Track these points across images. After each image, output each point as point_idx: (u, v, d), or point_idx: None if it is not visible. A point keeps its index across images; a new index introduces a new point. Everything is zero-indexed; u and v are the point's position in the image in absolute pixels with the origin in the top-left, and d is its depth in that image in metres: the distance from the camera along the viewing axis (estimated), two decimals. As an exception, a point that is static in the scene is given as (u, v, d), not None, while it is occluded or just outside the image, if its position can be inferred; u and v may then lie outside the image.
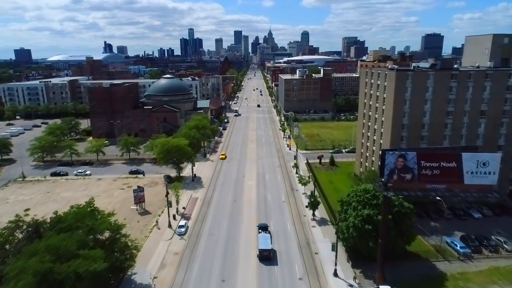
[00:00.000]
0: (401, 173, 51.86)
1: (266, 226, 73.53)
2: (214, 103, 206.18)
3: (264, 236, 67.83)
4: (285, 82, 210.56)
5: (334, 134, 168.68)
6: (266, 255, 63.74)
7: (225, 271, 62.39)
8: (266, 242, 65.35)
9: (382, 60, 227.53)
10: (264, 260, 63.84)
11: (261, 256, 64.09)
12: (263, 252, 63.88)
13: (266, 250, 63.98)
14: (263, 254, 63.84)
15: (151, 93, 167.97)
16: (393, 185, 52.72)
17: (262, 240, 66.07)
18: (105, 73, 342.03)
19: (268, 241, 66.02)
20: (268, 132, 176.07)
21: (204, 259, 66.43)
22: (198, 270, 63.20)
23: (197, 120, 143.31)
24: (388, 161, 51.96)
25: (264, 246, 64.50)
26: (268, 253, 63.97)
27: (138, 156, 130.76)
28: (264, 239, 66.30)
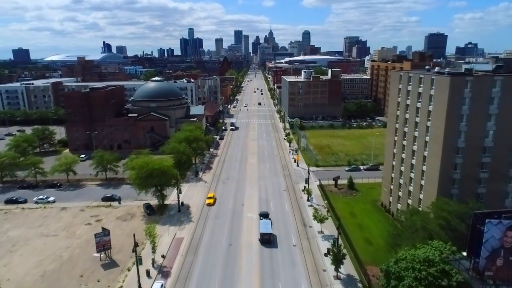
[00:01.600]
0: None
1: (267, 214, 79.81)
2: (210, 109, 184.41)
3: (265, 222, 73.54)
4: (290, 85, 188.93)
5: (347, 146, 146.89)
6: (267, 239, 69.21)
7: None
8: (267, 227, 71.00)
9: (397, 60, 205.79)
10: (265, 244, 69.12)
11: (262, 240, 69.62)
12: (264, 235, 69.28)
13: (267, 234, 69.46)
14: (264, 237, 69.26)
15: (137, 98, 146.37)
16: (496, 274, 31.07)
17: (263, 225, 71.59)
18: (96, 74, 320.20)
19: (269, 226, 71.78)
20: (271, 143, 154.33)
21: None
22: None
23: (189, 131, 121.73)
24: (488, 235, 30.36)
25: (265, 230, 70.07)
26: (269, 237, 69.61)
27: (117, 176, 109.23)
28: (265, 224, 72.03)
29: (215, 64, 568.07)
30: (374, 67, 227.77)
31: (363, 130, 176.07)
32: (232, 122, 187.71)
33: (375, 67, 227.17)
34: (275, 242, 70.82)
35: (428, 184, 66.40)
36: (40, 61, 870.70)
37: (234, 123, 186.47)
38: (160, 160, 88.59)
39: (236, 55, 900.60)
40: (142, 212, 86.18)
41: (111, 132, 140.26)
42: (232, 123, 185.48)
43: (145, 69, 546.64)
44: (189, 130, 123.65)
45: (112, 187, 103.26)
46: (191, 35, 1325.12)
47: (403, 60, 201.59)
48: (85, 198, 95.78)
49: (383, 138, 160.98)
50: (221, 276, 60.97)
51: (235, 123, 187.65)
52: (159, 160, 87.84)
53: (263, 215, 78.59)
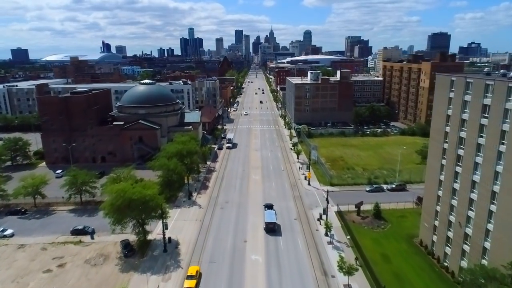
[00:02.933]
0: None
1: (272, 205, 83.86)
2: (208, 114, 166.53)
3: (270, 212, 78.23)
4: (296, 88, 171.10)
5: (363, 158, 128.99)
6: (271, 227, 74.08)
7: None
8: (272, 217, 75.74)
9: (412, 60, 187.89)
10: (269, 232, 73.93)
11: (267, 229, 74.57)
12: (269, 224, 74.29)
13: (271, 223, 74.37)
14: (269, 226, 74.22)
15: (123, 104, 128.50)
16: None
17: (268, 215, 76.56)
18: (89, 75, 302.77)
19: (273, 216, 76.32)
20: (276, 153, 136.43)
21: None
22: None
23: (181, 143, 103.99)
24: None
25: (269, 219, 74.95)
26: (273, 226, 74.40)
27: (94, 198, 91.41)
28: (270, 214, 76.79)
29: (215, 64, 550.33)
30: (387, 68, 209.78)
31: (378, 138, 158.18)
32: (229, 138, 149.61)
33: (387, 68, 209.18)
34: (279, 231, 75.50)
35: (500, 231, 48.54)
36: (38, 61, 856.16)
37: (231, 139, 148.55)
38: (142, 186, 70.70)
39: (237, 55, 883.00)
40: (118, 252, 68.42)
41: (93, 143, 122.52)
42: (229, 139, 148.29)
43: (143, 69, 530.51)
44: (182, 142, 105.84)
45: (87, 214, 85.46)
46: (191, 35, 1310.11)
47: (419, 60, 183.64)
48: (52, 229, 77.98)
49: (403, 148, 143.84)
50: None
51: (232, 139, 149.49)
52: (140, 187, 69.84)
53: (268, 206, 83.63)
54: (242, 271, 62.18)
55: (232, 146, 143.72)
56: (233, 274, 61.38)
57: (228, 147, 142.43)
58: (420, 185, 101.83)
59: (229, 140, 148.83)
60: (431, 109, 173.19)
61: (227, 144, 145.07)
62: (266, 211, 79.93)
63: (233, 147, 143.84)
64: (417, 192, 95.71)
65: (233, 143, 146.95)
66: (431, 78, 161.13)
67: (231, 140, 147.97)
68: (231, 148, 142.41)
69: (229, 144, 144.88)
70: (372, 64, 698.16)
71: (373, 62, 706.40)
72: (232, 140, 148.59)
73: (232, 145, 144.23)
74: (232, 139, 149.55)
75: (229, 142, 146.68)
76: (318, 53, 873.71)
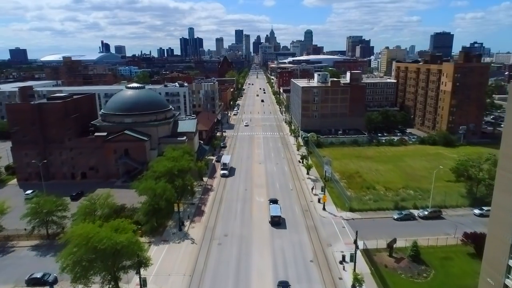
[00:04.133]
0: None
1: (276, 200, 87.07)
2: (206, 121, 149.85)
3: (275, 206, 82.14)
4: (303, 91, 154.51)
5: (382, 173, 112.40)
6: (277, 221, 77.42)
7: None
8: (276, 211, 79.55)
9: (430, 60, 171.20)
10: (275, 225, 76.91)
11: (272, 222, 77.68)
12: (274, 218, 77.70)
13: (276, 216, 77.95)
14: (274, 220, 77.54)
15: (107, 111, 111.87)
16: None
17: (273, 209, 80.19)
18: (81, 76, 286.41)
19: (278, 209, 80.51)
20: (282, 167, 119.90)
21: None
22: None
23: (172, 160, 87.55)
24: None
25: (274, 213, 78.67)
26: (278, 219, 77.78)
27: (64, 230, 74.86)
28: (275, 208, 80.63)
29: (215, 64, 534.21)
30: (401, 69, 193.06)
31: (395, 148, 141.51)
32: (225, 162, 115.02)
33: (401, 69, 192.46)
34: (284, 224, 78.22)
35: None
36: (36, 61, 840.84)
37: (227, 164, 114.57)
38: (115, 228, 54.08)
39: (237, 55, 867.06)
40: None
41: (72, 157, 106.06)
42: (225, 164, 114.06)
43: (140, 69, 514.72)
44: (173, 158, 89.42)
45: (53, 253, 68.43)
46: (191, 34, 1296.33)
47: (438, 60, 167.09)
48: (4, 276, 61.52)
49: (427, 161, 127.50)
50: None
51: (228, 163, 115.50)
52: (110, 229, 53.20)
53: (273, 201, 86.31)
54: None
55: (227, 174, 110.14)
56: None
57: (223, 175, 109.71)
58: (457, 210, 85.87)
59: (224, 165, 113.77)
60: (453, 115, 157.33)
61: (222, 171, 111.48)
62: (271, 205, 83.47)
63: (229, 174, 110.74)
64: (456, 220, 79.51)
65: (229, 168, 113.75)
66: (454, 80, 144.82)
67: (226, 165, 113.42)
68: (227, 176, 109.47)
69: (225, 170, 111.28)
70: (375, 64, 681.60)
71: (376, 62, 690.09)
72: (228, 165, 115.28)
73: (228, 172, 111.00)
74: (228, 163, 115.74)
75: (224, 167, 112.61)
76: (320, 53, 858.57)
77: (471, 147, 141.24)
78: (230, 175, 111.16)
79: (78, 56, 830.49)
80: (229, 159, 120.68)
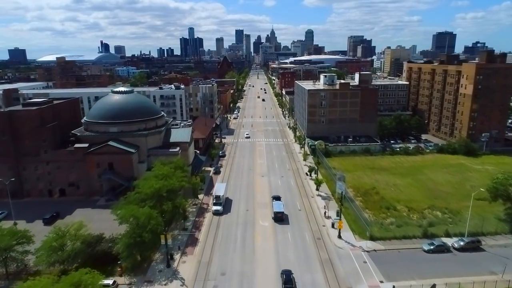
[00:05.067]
0: None
1: (279, 197, 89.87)
2: (203, 128, 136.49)
3: (278, 203, 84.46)
4: (309, 95, 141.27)
5: (401, 188, 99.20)
6: (280, 217, 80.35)
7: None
8: (280, 207, 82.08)
9: (446, 61, 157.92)
10: (278, 221, 79.71)
11: (275, 218, 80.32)
12: (277, 214, 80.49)
13: (280, 212, 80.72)
14: (277, 216, 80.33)
15: (90, 119, 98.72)
16: None
17: (276, 206, 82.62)
18: (73, 77, 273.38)
19: (282, 206, 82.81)
20: (288, 181, 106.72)
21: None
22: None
23: (161, 179, 74.52)
24: None
25: (278, 209, 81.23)
26: (281, 215, 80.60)
27: (26, 267, 61.93)
28: (278, 205, 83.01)
29: (214, 65, 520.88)
30: (413, 70, 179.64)
31: (412, 157, 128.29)
32: (218, 195, 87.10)
33: (414, 70, 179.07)
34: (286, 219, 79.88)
35: None
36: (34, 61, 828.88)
37: (220, 196, 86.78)
38: (75, 283, 41.00)
39: (237, 55, 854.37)
40: None
41: (49, 172, 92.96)
42: (218, 197, 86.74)
43: (139, 70, 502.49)
44: (162, 176, 76.38)
45: (10, 299, 55.90)
46: (191, 34, 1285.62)
47: (455, 60, 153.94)
48: None
49: (449, 174, 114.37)
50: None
51: (222, 197, 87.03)
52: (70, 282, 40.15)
53: (276, 198, 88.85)
54: None
55: (221, 211, 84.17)
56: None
57: (215, 212, 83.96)
58: (497, 238, 72.71)
59: (216, 198, 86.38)
60: (474, 120, 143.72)
61: (214, 206, 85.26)
62: (274, 202, 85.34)
63: (223, 211, 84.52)
64: (499, 253, 66.46)
65: (224, 202, 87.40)
66: (476, 83, 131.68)
67: (220, 198, 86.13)
68: (221, 213, 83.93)
69: (217, 206, 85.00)
70: (378, 64, 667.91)
71: (379, 63, 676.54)
72: (223, 197, 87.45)
73: (221, 208, 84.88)
74: (223, 195, 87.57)
75: (216, 202, 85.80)
76: (321, 53, 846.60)
77: (495, 156, 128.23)
78: (225, 212, 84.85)
79: (76, 57, 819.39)
80: (224, 189, 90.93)
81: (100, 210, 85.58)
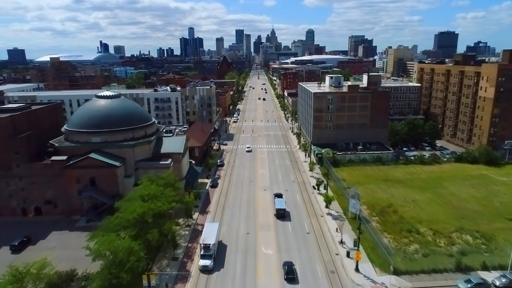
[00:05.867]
0: None
1: (281, 194, 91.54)
2: (199, 135, 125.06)
3: (280, 200, 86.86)
4: (315, 98, 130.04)
5: (421, 205, 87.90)
6: (281, 214, 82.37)
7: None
8: (281, 204, 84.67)
9: (462, 61, 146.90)
10: (280, 218, 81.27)
11: (277, 215, 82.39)
12: (279, 211, 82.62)
13: (281, 209, 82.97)
14: (279, 212, 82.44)
15: (71, 128, 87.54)
16: None
17: (278, 203, 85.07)
18: (66, 78, 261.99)
19: (283, 203, 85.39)
20: (294, 197, 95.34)
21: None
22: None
23: (148, 199, 63.45)
24: None
25: (279, 206, 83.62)
26: (283, 212, 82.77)
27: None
28: (280, 202, 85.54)
29: (214, 65, 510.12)
30: (425, 71, 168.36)
31: (428, 167, 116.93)
32: (207, 244, 64.06)
33: (425, 71, 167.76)
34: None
35: None
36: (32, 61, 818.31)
37: (209, 246, 63.83)
38: None
39: (237, 55, 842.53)
40: None
41: (22, 188, 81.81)
42: (207, 246, 63.80)
43: (137, 70, 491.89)
44: (149, 195, 65.42)
45: None
46: (191, 34, 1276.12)
47: (472, 61, 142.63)
48: None
49: (473, 187, 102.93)
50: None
51: (212, 247, 64.01)
52: None
53: (278, 195, 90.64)
54: None
55: (211, 267, 61.70)
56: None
57: (203, 268, 61.42)
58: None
59: (205, 248, 63.75)
60: (495, 126, 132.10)
61: (202, 260, 62.50)
62: (276, 199, 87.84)
63: (212, 268, 61.81)
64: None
65: (214, 252, 64.73)
66: (498, 85, 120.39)
67: (209, 249, 63.68)
68: (210, 270, 61.44)
69: (206, 259, 62.35)
70: (381, 64, 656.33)
71: (381, 62, 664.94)
72: (214, 247, 64.82)
73: (211, 262, 62.29)
74: (214, 244, 64.83)
75: (205, 254, 63.13)
76: (322, 52, 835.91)
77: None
78: (216, 268, 62.09)
79: (75, 57, 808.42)
80: (216, 234, 67.43)
81: (79, 233, 74.33)
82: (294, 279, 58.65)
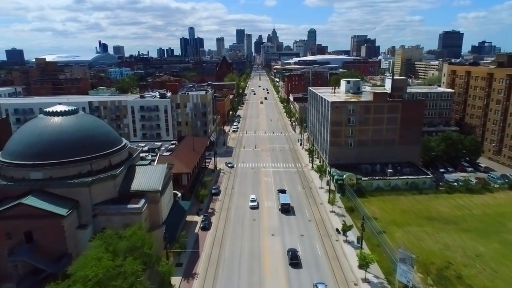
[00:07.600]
0: None
1: (285, 190, 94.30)
2: (188, 158, 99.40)
3: (284, 195, 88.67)
4: (333, 109, 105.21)
5: (487, 261, 63.22)
6: (286, 208, 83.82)
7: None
8: (286, 199, 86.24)
9: (506, 63, 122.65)
10: (284, 212, 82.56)
11: (282, 209, 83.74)
12: (284, 205, 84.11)
13: (286, 204, 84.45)
14: (284, 207, 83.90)
15: (4, 158, 63.04)
16: None
17: (283, 198, 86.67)
18: (49, 81, 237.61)
19: (288, 198, 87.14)
20: (312, 247, 70.67)
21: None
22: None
23: (94, 284, 38.93)
24: None
25: (284, 201, 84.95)
26: (288, 207, 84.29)
27: None
28: (284, 197, 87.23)
29: (214, 65, 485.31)
30: (457, 74, 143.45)
31: (477, 197, 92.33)
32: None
33: (459, 75, 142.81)
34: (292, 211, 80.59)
35: None
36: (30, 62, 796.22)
37: None
38: None
39: (238, 55, 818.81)
40: None
41: None
42: None
43: (133, 71, 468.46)
44: (103, 269, 41.07)
45: None
46: (192, 34, 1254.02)
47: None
48: None
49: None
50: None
51: None
52: None
53: (282, 191, 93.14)
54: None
55: None
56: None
57: None
58: None
59: None
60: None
61: None
62: (280, 194, 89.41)
63: None
64: None
65: None
66: None
67: None
68: None
69: None
70: (386, 64, 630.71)
71: (386, 63, 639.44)
72: None
73: None
74: None
75: None
76: (325, 52, 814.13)
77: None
78: None
79: (73, 57, 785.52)
80: None
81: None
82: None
